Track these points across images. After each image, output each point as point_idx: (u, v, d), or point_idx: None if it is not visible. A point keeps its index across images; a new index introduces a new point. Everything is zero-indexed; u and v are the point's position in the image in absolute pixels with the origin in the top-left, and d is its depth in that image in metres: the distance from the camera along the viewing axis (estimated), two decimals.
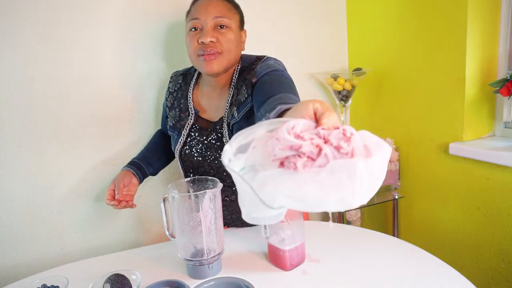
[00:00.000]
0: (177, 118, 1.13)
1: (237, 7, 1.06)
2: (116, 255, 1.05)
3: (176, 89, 1.17)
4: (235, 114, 0.99)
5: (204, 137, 1.07)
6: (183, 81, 1.16)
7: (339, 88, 1.59)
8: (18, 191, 1.27)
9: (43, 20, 1.23)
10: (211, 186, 0.89)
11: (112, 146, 1.39)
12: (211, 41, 0.96)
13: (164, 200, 0.89)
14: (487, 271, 1.34)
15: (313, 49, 1.69)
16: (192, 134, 1.09)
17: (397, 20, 1.50)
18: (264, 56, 1.06)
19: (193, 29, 1.00)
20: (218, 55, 0.98)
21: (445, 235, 1.46)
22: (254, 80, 0.98)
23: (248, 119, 0.99)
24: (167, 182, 1.50)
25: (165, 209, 0.90)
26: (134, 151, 1.42)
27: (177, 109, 1.14)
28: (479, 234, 1.34)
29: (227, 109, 1.03)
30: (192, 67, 1.19)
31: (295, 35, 1.64)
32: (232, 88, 1.04)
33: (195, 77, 1.15)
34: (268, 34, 1.57)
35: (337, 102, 1.65)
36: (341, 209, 0.42)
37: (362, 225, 1.70)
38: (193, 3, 1.05)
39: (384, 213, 1.75)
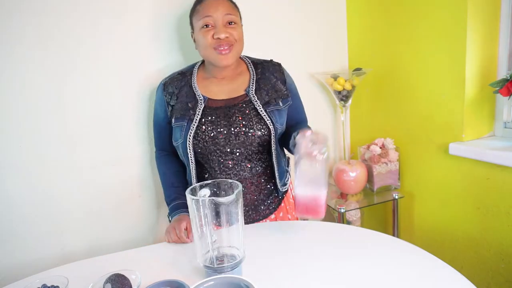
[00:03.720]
0: (185, 107, 1.14)
1: (237, 6, 1.17)
2: (116, 255, 1.05)
3: (179, 87, 1.18)
4: (280, 104, 1.16)
5: (223, 115, 1.13)
6: (183, 79, 1.19)
7: (339, 88, 1.59)
8: (19, 191, 1.28)
9: (44, 22, 1.23)
10: (230, 192, 0.87)
11: (112, 146, 1.39)
12: (226, 37, 1.09)
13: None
14: (487, 271, 1.34)
15: (313, 49, 1.70)
16: (207, 114, 1.13)
17: (397, 20, 1.51)
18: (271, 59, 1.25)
19: (205, 26, 1.10)
20: (231, 47, 1.11)
21: (445, 235, 1.46)
22: (287, 81, 1.21)
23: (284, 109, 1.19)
24: None
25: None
26: (134, 152, 1.43)
27: (183, 101, 1.16)
28: (479, 234, 1.34)
29: (252, 89, 1.16)
30: (186, 68, 1.23)
31: (295, 35, 1.64)
32: (252, 76, 1.18)
33: (195, 71, 1.20)
34: (268, 34, 1.57)
35: (337, 102, 1.65)
36: None
37: (362, 225, 1.70)
38: (199, 3, 1.13)
39: (384, 213, 1.75)
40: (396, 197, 1.55)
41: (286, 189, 1.26)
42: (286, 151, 1.26)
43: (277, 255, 0.97)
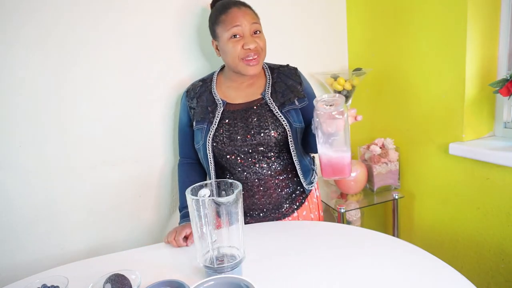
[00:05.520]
0: (205, 111, 1.20)
1: (257, 13, 1.19)
2: (116, 255, 1.05)
3: (200, 92, 1.24)
4: (296, 102, 1.18)
5: (240, 117, 1.17)
6: (204, 85, 1.25)
7: (339, 88, 1.59)
8: (18, 191, 1.27)
9: (42, 19, 1.23)
10: (230, 192, 0.87)
11: (112, 146, 1.39)
12: (255, 46, 1.12)
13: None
14: (487, 271, 1.34)
15: (313, 49, 1.70)
16: (225, 117, 1.18)
17: (397, 20, 1.51)
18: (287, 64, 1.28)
19: (234, 37, 1.12)
20: (258, 58, 1.14)
21: (445, 235, 1.46)
22: (303, 84, 1.22)
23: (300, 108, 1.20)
24: (166, 184, 1.50)
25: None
26: (134, 152, 1.42)
27: (204, 106, 1.21)
28: (479, 234, 1.34)
29: (268, 93, 1.19)
30: (207, 76, 1.29)
31: (295, 35, 1.64)
32: (268, 80, 1.22)
33: (215, 78, 1.26)
34: (268, 34, 1.57)
35: None
36: None
37: (362, 225, 1.70)
38: (222, 12, 1.14)
39: (384, 213, 1.75)
40: (396, 197, 1.55)
41: (312, 187, 1.27)
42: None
43: (277, 255, 0.97)
